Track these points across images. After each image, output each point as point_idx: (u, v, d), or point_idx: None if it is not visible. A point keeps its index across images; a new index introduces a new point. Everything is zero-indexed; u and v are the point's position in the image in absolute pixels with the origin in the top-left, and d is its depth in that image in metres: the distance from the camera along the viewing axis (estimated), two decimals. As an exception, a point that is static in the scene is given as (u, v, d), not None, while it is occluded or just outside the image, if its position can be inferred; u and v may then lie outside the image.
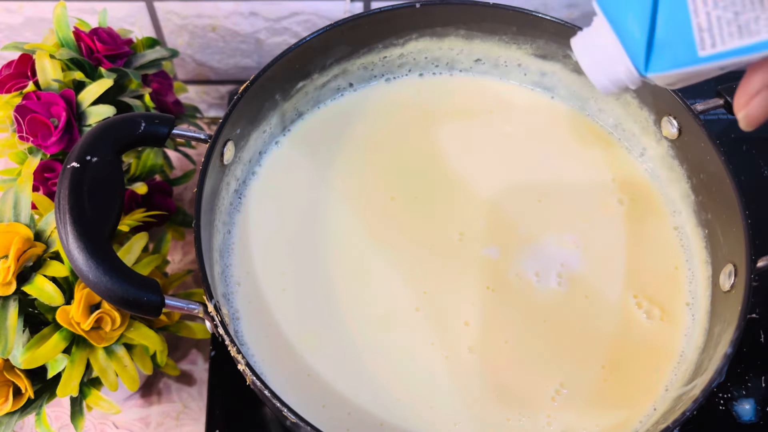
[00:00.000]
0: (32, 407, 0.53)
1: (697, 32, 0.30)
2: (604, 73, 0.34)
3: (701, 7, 0.29)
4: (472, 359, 0.51)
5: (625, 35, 0.32)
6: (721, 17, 0.29)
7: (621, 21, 0.32)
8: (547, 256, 0.55)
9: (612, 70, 0.33)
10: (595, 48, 0.34)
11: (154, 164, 0.63)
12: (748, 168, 0.71)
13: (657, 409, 0.50)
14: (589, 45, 0.34)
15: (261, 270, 0.54)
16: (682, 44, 0.30)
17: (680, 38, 0.30)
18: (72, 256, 0.43)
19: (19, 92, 0.57)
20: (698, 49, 0.30)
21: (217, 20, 0.75)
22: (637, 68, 0.32)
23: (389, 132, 0.62)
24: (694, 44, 0.30)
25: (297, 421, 0.42)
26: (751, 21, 0.28)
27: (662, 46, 0.31)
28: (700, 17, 0.29)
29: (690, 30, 0.30)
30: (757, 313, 0.63)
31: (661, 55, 0.31)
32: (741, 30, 0.29)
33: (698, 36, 0.30)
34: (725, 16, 0.29)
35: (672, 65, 0.31)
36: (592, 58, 0.34)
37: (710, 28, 0.29)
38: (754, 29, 0.28)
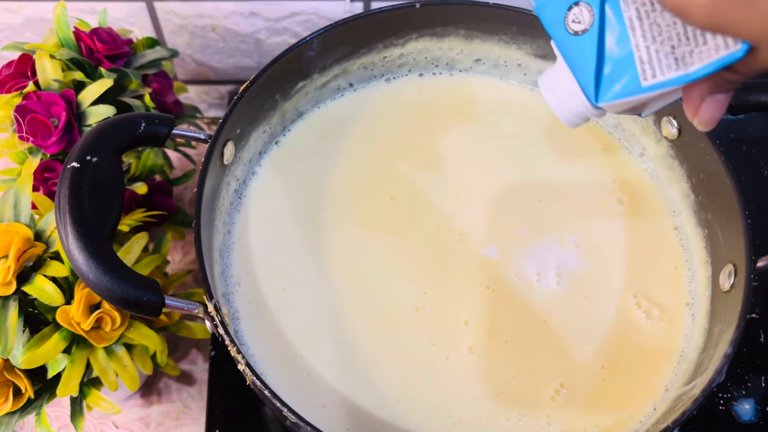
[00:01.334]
0: (32, 407, 0.53)
1: (639, 64, 0.33)
2: (566, 107, 0.38)
3: (642, 42, 0.33)
4: (472, 359, 0.51)
5: (578, 71, 0.36)
6: (659, 51, 0.33)
7: (574, 59, 0.36)
8: (547, 256, 0.55)
9: (572, 104, 0.37)
10: (556, 85, 0.38)
11: (154, 164, 0.63)
12: (748, 168, 0.71)
13: (657, 409, 0.50)
14: (552, 82, 0.38)
15: (261, 270, 0.54)
16: (627, 76, 0.34)
17: (625, 70, 0.34)
18: (72, 256, 0.43)
19: (19, 92, 0.57)
20: (641, 79, 0.33)
21: (217, 20, 0.75)
22: (588, 99, 0.36)
23: (389, 132, 0.62)
24: (638, 75, 0.33)
25: (297, 421, 0.42)
26: (686, 53, 0.32)
27: (609, 78, 0.34)
28: (641, 51, 0.33)
29: (633, 63, 0.33)
30: (756, 313, 0.63)
31: (609, 86, 0.35)
32: (677, 62, 0.32)
33: (640, 68, 0.33)
34: (663, 49, 0.32)
35: (619, 95, 0.34)
36: (555, 95, 0.38)
37: (650, 60, 0.33)
38: (689, 60, 0.32)
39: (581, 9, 0.35)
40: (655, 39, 0.32)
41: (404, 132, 0.62)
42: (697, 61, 0.32)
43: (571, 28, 0.35)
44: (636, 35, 0.33)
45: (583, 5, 0.34)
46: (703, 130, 0.35)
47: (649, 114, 0.37)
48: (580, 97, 0.36)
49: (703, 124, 0.35)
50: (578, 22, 0.35)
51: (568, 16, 0.35)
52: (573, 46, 0.35)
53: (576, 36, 0.35)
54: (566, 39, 0.35)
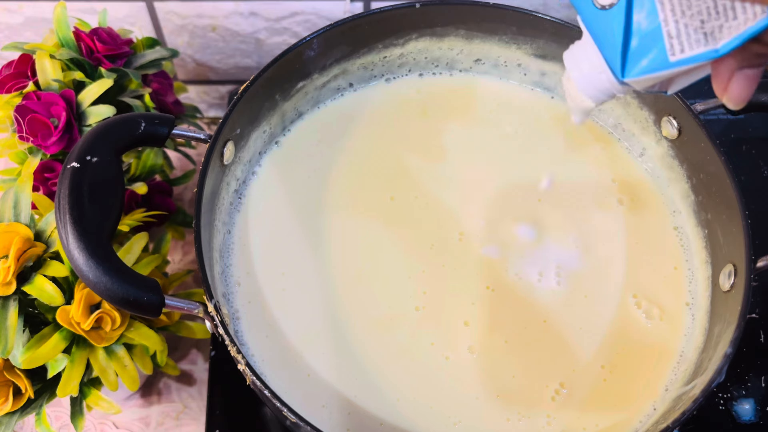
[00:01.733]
0: (32, 407, 0.53)
1: (667, 39, 0.33)
2: (591, 83, 0.37)
3: (671, 17, 0.32)
4: (472, 359, 0.51)
5: (605, 46, 0.35)
6: (688, 25, 0.32)
7: (600, 33, 0.35)
8: (547, 256, 0.55)
9: (597, 79, 0.37)
10: (582, 60, 0.37)
11: (154, 164, 0.63)
12: (748, 168, 0.71)
13: (657, 409, 0.50)
14: (577, 58, 0.38)
15: (261, 270, 0.54)
16: (654, 51, 0.33)
17: (652, 45, 0.33)
18: (72, 256, 0.43)
19: (19, 92, 0.57)
20: (668, 54, 0.33)
21: (217, 20, 0.75)
22: (615, 75, 0.35)
23: (389, 132, 0.62)
24: (665, 50, 0.33)
25: (297, 421, 0.42)
26: (715, 29, 0.31)
27: (636, 53, 0.34)
28: (670, 26, 0.32)
29: (661, 38, 0.33)
30: (756, 313, 0.63)
31: (636, 61, 0.34)
32: (707, 37, 0.32)
33: (668, 43, 0.33)
34: (692, 24, 0.32)
35: (646, 70, 0.34)
36: (581, 70, 0.38)
37: (679, 35, 0.32)
38: (718, 35, 0.31)
39: None
40: (684, 13, 0.32)
41: (404, 132, 0.62)
42: (726, 35, 0.31)
43: (598, 3, 0.35)
44: (665, 9, 0.32)
45: None
46: (733, 107, 0.34)
47: (676, 91, 0.36)
48: (606, 73, 0.36)
49: (733, 101, 0.34)
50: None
51: None
52: (600, 21, 0.35)
53: (603, 10, 0.34)
54: (593, 13, 0.35)
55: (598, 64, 0.36)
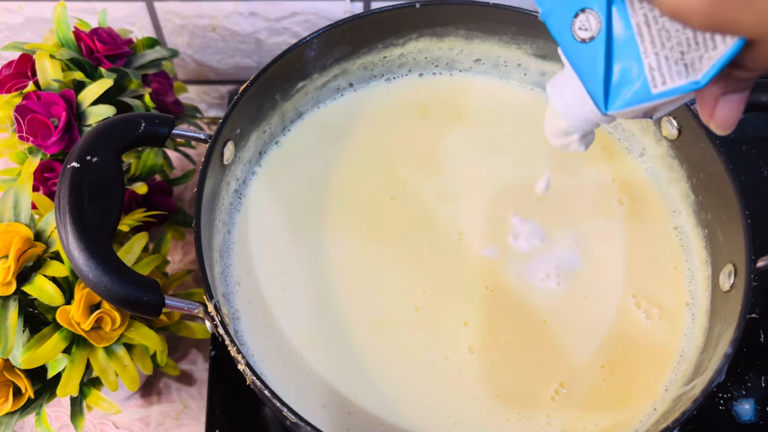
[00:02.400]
0: (32, 407, 0.53)
1: (649, 71, 0.33)
2: (575, 114, 0.37)
3: (650, 49, 0.32)
4: (472, 359, 0.51)
5: (586, 78, 0.35)
6: (669, 57, 0.32)
7: (581, 66, 0.35)
8: (546, 256, 0.55)
9: (581, 110, 0.37)
10: (565, 91, 0.37)
11: (154, 164, 0.63)
12: (748, 168, 0.71)
13: (657, 409, 0.50)
14: (560, 88, 0.38)
15: (261, 270, 0.54)
16: (636, 83, 0.33)
17: (634, 78, 0.33)
18: (72, 256, 0.43)
19: (19, 92, 0.57)
20: (651, 86, 0.33)
21: (217, 20, 0.75)
22: (598, 107, 0.35)
23: (389, 132, 0.62)
24: (647, 82, 0.33)
25: (297, 421, 0.42)
26: (695, 59, 0.31)
27: (618, 85, 0.34)
28: (650, 58, 0.32)
29: (642, 70, 0.33)
30: (756, 313, 0.63)
31: (618, 94, 0.34)
32: (687, 68, 0.32)
33: (649, 75, 0.33)
34: (672, 55, 0.32)
35: (629, 103, 0.34)
36: (564, 101, 0.38)
37: (660, 67, 0.32)
38: (698, 66, 0.31)
39: (588, 16, 0.34)
40: (664, 45, 0.32)
41: (404, 132, 0.62)
42: (706, 64, 0.31)
43: (578, 36, 0.35)
44: (644, 41, 0.32)
45: (590, 12, 0.34)
46: (721, 133, 0.34)
47: (661, 117, 0.37)
48: (589, 104, 0.36)
49: (721, 126, 0.34)
50: (585, 30, 0.34)
51: (575, 23, 0.35)
52: (580, 54, 0.35)
53: (583, 43, 0.34)
54: (573, 46, 0.35)
55: (581, 95, 0.36)
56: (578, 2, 0.34)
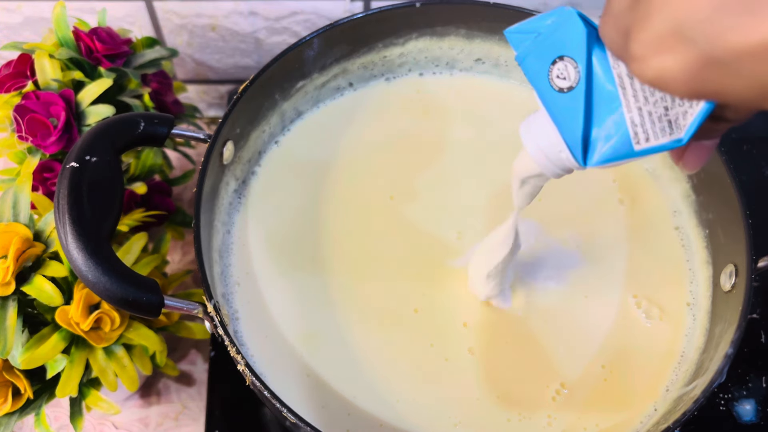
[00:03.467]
0: (31, 407, 0.53)
1: (631, 127, 0.31)
2: (549, 159, 0.35)
3: (633, 103, 0.30)
4: (472, 360, 0.51)
5: (564, 128, 0.33)
6: (652, 113, 0.30)
7: (559, 115, 0.33)
8: (547, 257, 0.55)
9: (556, 157, 0.35)
10: (539, 135, 0.35)
11: (154, 164, 0.62)
12: (748, 168, 0.71)
13: (657, 410, 0.50)
14: (534, 133, 0.36)
15: (260, 270, 0.54)
16: (617, 139, 0.31)
17: (615, 133, 0.31)
18: (71, 256, 0.43)
19: (18, 92, 0.57)
20: (633, 143, 0.31)
21: (216, 20, 0.75)
22: (576, 159, 0.33)
23: (389, 131, 0.61)
24: (629, 138, 0.31)
25: (297, 421, 0.42)
26: (680, 115, 0.30)
27: (598, 140, 0.32)
28: (633, 113, 0.31)
29: (624, 125, 0.31)
30: (757, 314, 0.63)
31: (598, 149, 0.32)
32: (671, 125, 0.30)
33: (632, 131, 0.31)
34: (656, 111, 0.30)
35: (609, 158, 0.32)
36: (538, 146, 0.36)
37: (643, 123, 0.31)
38: (682, 123, 0.30)
39: (566, 64, 0.32)
40: (647, 100, 0.30)
41: (404, 132, 0.62)
42: (690, 119, 0.30)
43: (555, 84, 0.33)
44: (627, 95, 0.31)
45: (568, 61, 0.32)
46: (689, 173, 0.33)
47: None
48: (566, 152, 0.34)
49: (688, 168, 0.33)
50: (563, 78, 0.32)
51: (552, 70, 0.33)
52: (558, 102, 0.33)
53: (561, 93, 0.32)
54: (550, 94, 0.33)
55: (557, 141, 0.34)
56: (556, 49, 0.32)
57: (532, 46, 0.33)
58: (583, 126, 0.32)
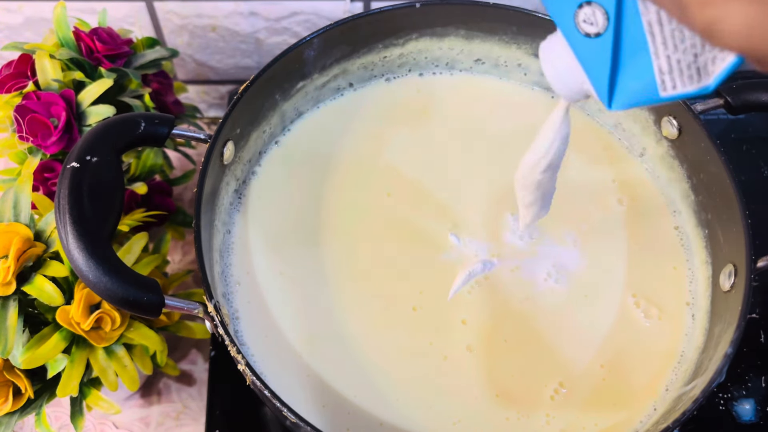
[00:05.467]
0: (32, 407, 0.53)
1: (659, 75, 0.30)
2: (566, 85, 0.35)
3: (662, 51, 0.30)
4: (471, 358, 0.51)
5: (591, 71, 0.32)
6: (681, 61, 0.29)
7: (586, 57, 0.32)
8: (546, 256, 0.55)
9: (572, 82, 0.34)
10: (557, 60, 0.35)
11: (154, 164, 0.63)
12: (748, 168, 0.71)
13: (657, 409, 0.50)
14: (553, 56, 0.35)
15: (261, 270, 0.54)
16: (644, 84, 0.31)
17: (642, 79, 0.31)
18: (72, 256, 0.43)
19: (19, 92, 0.57)
20: (660, 90, 0.31)
21: (217, 20, 0.75)
22: (602, 101, 0.33)
23: (389, 132, 0.62)
24: (656, 85, 0.31)
25: (297, 421, 0.42)
26: (708, 61, 0.29)
27: (625, 85, 0.32)
28: (661, 60, 0.30)
29: (651, 72, 0.30)
30: (757, 313, 0.63)
31: (624, 93, 0.32)
32: (700, 72, 0.29)
33: (659, 78, 0.30)
34: (685, 59, 0.29)
35: (634, 103, 0.32)
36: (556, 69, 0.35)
37: (671, 71, 0.30)
38: (710, 69, 0.29)
39: (594, 10, 0.31)
40: (677, 47, 0.29)
41: (404, 132, 0.62)
42: (719, 67, 0.29)
43: (582, 29, 0.32)
44: (656, 42, 0.30)
45: (596, 6, 0.31)
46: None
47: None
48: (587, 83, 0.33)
49: None
50: (591, 24, 0.31)
51: (579, 14, 0.32)
52: (584, 46, 0.32)
53: (588, 37, 0.32)
54: (577, 37, 0.32)
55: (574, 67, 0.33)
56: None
57: None
58: (610, 69, 0.32)
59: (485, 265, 0.53)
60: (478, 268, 0.53)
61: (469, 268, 0.53)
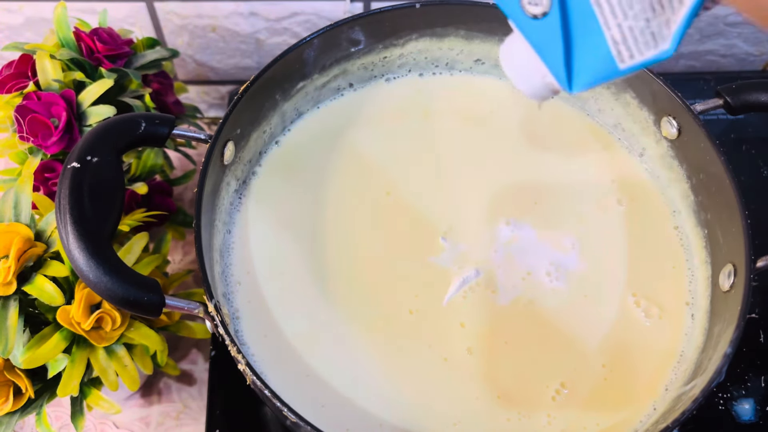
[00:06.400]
0: (32, 407, 0.53)
1: (613, 46, 0.29)
2: (533, 86, 0.34)
3: (612, 20, 0.29)
4: (471, 360, 0.51)
5: (545, 55, 0.31)
6: (633, 27, 0.28)
7: (538, 42, 0.31)
8: (545, 256, 0.55)
9: (541, 84, 0.33)
10: (515, 58, 0.34)
11: (155, 164, 0.63)
12: (747, 168, 0.71)
13: (657, 409, 0.50)
14: (512, 55, 0.34)
15: (261, 270, 0.54)
16: (600, 60, 0.30)
17: (597, 54, 0.30)
18: (72, 256, 0.43)
19: (19, 92, 0.57)
20: (617, 62, 0.30)
21: (217, 20, 0.75)
22: (562, 87, 0.32)
23: (389, 132, 0.62)
24: (612, 58, 0.29)
25: (297, 420, 0.42)
26: (662, 24, 0.28)
27: (581, 65, 0.30)
28: (613, 31, 0.29)
29: (605, 45, 0.29)
30: (756, 313, 0.63)
31: (582, 73, 0.31)
32: (655, 36, 0.28)
33: (614, 49, 0.29)
34: (637, 25, 0.28)
35: (594, 80, 0.31)
36: (515, 70, 0.34)
37: (624, 40, 0.29)
38: (666, 32, 0.28)
39: None
40: (626, 15, 0.28)
41: (404, 132, 0.62)
42: (673, 27, 0.28)
43: (528, 11, 0.30)
44: (604, 11, 0.29)
45: None
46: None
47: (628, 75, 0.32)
48: (549, 76, 0.32)
49: None
50: (536, 4, 0.30)
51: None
52: (534, 29, 0.31)
53: (535, 19, 0.30)
54: (525, 21, 0.31)
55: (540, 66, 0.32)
56: None
57: None
58: (563, 52, 0.30)
59: (478, 272, 0.53)
60: (472, 275, 0.53)
61: (463, 275, 0.53)
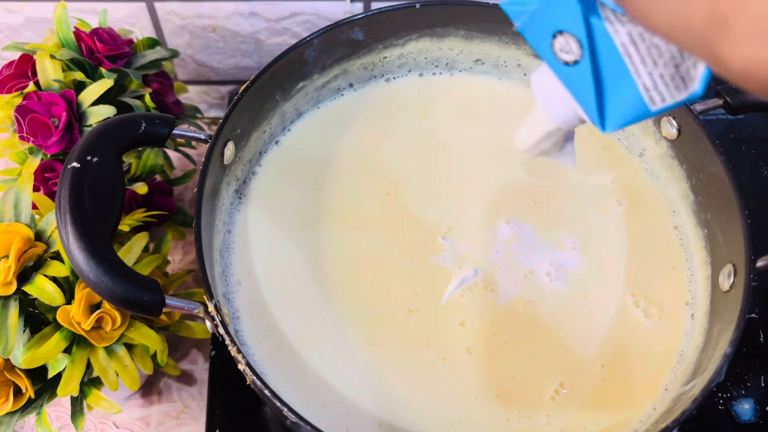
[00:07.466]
0: (33, 407, 0.53)
1: (645, 92, 0.30)
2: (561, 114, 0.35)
3: (642, 69, 0.30)
4: (471, 360, 0.51)
5: (579, 96, 0.33)
6: (663, 74, 0.29)
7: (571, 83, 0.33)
8: (545, 256, 0.55)
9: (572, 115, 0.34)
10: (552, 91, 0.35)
11: (155, 164, 0.63)
12: (747, 168, 0.71)
13: (656, 409, 0.50)
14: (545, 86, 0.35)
15: (261, 270, 0.54)
16: (632, 103, 0.31)
17: (629, 99, 0.31)
18: (72, 256, 0.43)
19: (19, 92, 0.57)
20: (649, 105, 0.31)
21: (217, 20, 0.75)
22: (596, 125, 0.33)
23: (389, 132, 0.62)
24: (644, 102, 0.31)
25: (297, 420, 0.42)
26: (690, 67, 0.29)
27: (614, 108, 0.31)
28: (644, 78, 0.30)
29: (637, 90, 0.30)
30: (756, 313, 0.63)
31: (615, 115, 0.32)
32: (684, 80, 0.29)
33: (646, 95, 0.30)
34: (667, 72, 0.29)
35: (627, 122, 0.32)
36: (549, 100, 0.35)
37: (656, 86, 0.30)
38: (693, 74, 0.29)
39: (567, 39, 0.31)
40: (656, 63, 0.29)
41: (404, 132, 0.62)
42: (700, 70, 0.29)
43: (561, 58, 0.32)
44: (634, 62, 0.30)
45: (568, 35, 0.31)
46: None
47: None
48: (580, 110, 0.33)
49: None
50: (567, 53, 0.32)
51: (554, 44, 0.32)
52: (567, 74, 0.32)
53: (567, 66, 0.32)
54: (558, 65, 0.33)
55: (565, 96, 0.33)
56: (553, 24, 0.31)
57: (529, 20, 0.32)
58: (595, 95, 0.32)
59: (477, 271, 0.53)
60: (470, 275, 0.53)
61: (462, 275, 0.53)
